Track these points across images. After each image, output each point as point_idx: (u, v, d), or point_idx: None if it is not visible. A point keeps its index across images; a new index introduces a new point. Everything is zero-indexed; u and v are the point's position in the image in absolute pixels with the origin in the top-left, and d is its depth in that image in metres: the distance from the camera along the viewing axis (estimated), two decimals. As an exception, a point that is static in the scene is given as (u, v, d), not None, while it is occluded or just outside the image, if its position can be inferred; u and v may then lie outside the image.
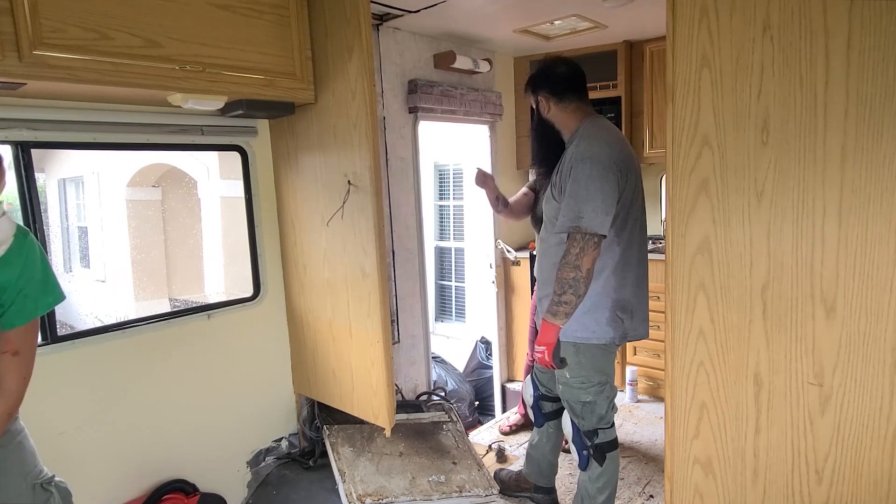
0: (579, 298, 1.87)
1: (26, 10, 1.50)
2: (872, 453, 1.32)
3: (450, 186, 6.05)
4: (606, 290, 1.98)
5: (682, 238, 1.52)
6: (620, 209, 1.92)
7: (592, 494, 2.14)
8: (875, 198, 1.25)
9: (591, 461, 2.09)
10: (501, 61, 3.78)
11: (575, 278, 1.84)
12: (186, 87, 1.86)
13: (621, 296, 2.00)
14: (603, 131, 1.98)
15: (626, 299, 2.01)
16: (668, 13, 1.46)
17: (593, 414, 2.07)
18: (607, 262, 1.96)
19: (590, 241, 1.83)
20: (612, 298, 1.99)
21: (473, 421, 3.79)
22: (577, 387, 2.05)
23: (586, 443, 2.08)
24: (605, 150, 1.88)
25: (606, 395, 2.07)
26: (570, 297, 1.86)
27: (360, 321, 2.28)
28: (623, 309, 2.00)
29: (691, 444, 1.58)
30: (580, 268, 1.83)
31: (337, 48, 2.13)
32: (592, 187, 1.83)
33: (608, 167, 1.85)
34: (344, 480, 2.37)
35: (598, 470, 2.10)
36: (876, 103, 1.23)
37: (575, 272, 1.84)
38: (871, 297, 1.28)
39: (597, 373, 2.04)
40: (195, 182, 6.29)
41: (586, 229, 1.82)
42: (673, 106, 1.49)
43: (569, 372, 2.05)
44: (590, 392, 2.05)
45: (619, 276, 1.99)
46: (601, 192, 1.83)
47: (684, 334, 1.55)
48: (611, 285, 1.98)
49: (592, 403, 2.06)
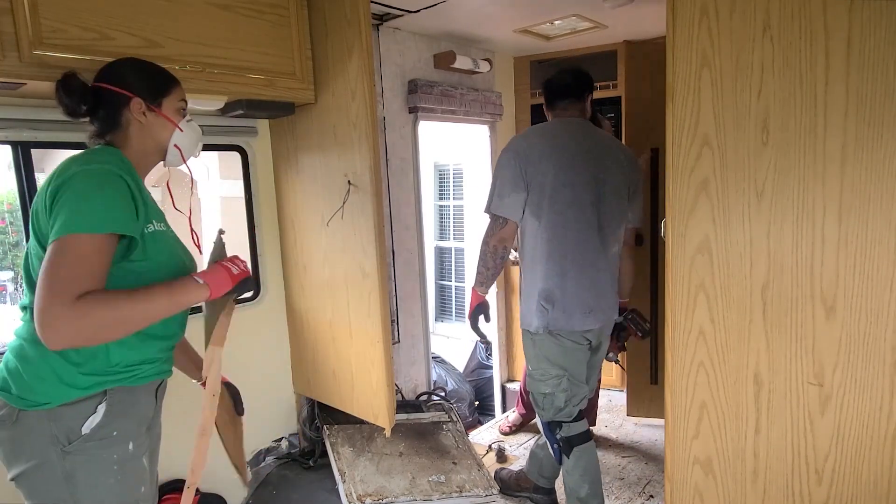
0: (488, 270, 2.15)
1: (26, 10, 1.50)
2: (872, 453, 1.32)
3: (450, 186, 6.05)
4: (535, 279, 2.10)
5: (682, 238, 1.52)
6: (538, 198, 2.03)
7: (573, 487, 2.20)
8: (875, 197, 1.25)
9: (563, 455, 2.18)
10: (501, 61, 3.78)
11: (483, 252, 2.13)
12: (186, 87, 1.85)
13: (546, 285, 2.07)
14: (542, 127, 2.19)
15: (549, 289, 2.07)
16: (668, 13, 1.46)
17: (552, 406, 2.15)
18: (536, 251, 2.08)
19: (496, 223, 2.09)
20: (538, 288, 2.09)
21: (473, 421, 3.79)
22: (538, 378, 2.16)
23: (553, 437, 2.18)
24: (518, 141, 2.11)
25: (563, 388, 2.13)
26: (480, 268, 2.16)
27: (360, 321, 2.28)
28: (547, 299, 2.07)
29: (691, 444, 1.58)
30: (487, 243, 2.11)
31: (337, 48, 2.13)
32: (498, 174, 2.09)
33: (510, 157, 2.06)
34: (344, 480, 2.37)
35: (569, 463, 2.17)
36: (876, 103, 1.23)
37: (484, 247, 2.12)
38: (871, 297, 1.28)
39: (552, 365, 2.12)
40: (195, 182, 6.29)
41: (492, 210, 2.09)
42: (673, 106, 1.49)
43: (530, 364, 2.19)
44: (548, 384, 2.14)
45: (546, 265, 2.07)
46: (499, 178, 2.08)
47: (684, 334, 1.55)
48: (538, 275, 2.09)
49: (551, 395, 2.14)
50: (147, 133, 1.39)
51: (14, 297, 7.59)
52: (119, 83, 1.36)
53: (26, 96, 1.81)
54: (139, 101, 1.36)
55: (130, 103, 1.35)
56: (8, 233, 7.90)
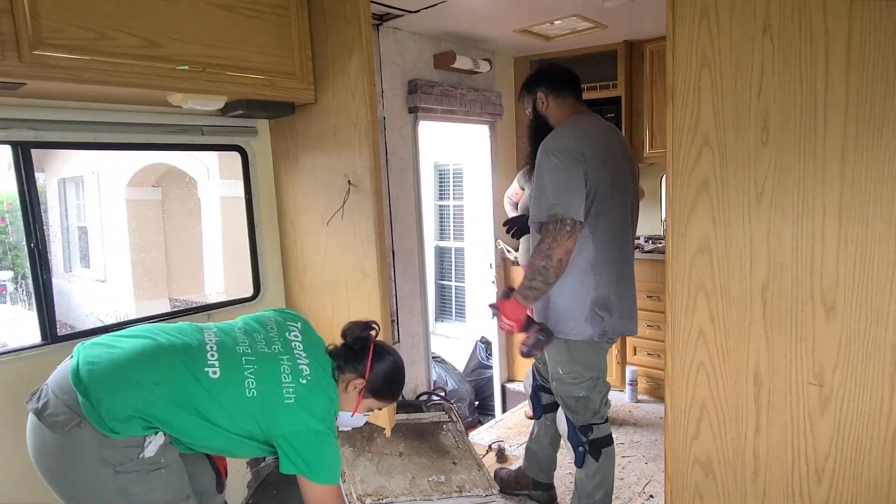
0: (548, 286, 1.91)
1: (26, 10, 1.50)
2: (872, 453, 1.32)
3: (450, 186, 6.05)
4: (585, 287, 1.99)
5: (682, 238, 1.52)
6: (590, 203, 1.91)
7: (589, 491, 2.15)
8: (875, 197, 1.25)
9: (587, 458, 2.11)
10: (501, 61, 3.78)
11: (545, 267, 1.87)
12: (186, 87, 1.86)
13: (600, 293, 1.99)
14: (573, 126, 1.99)
15: (604, 297, 1.99)
16: (668, 13, 1.46)
17: (587, 409, 2.08)
18: (583, 259, 1.96)
19: (562, 231, 1.84)
20: (590, 297, 1.99)
21: (473, 421, 3.79)
22: (570, 382, 2.07)
23: (581, 439, 2.10)
24: (566, 142, 1.91)
25: (599, 389, 2.09)
26: (538, 284, 1.90)
27: (360, 321, 2.28)
28: (602, 307, 2.00)
29: (691, 444, 1.58)
30: (551, 258, 1.85)
31: (337, 48, 2.13)
32: (559, 177, 1.86)
33: (572, 156, 1.87)
34: (344, 480, 2.37)
35: (593, 466, 2.11)
36: (876, 103, 1.22)
37: (546, 261, 1.86)
38: (872, 297, 1.28)
39: (587, 368, 2.06)
40: (195, 182, 6.29)
41: (562, 215, 1.83)
42: (673, 106, 1.49)
43: (561, 368, 2.07)
44: (582, 388, 2.06)
45: (596, 273, 1.98)
46: (567, 180, 1.86)
47: (684, 334, 1.55)
48: (589, 283, 1.98)
49: (586, 399, 2.07)
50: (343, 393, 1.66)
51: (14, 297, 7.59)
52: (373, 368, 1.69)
53: (26, 96, 1.82)
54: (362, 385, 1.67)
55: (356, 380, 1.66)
56: (8, 233, 7.91)
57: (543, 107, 2.09)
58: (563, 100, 2.06)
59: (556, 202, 1.85)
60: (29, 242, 1.93)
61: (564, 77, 2.08)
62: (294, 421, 1.47)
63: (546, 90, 2.08)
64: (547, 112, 2.09)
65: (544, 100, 2.08)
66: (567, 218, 1.83)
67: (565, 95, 2.06)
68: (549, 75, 2.09)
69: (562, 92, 2.06)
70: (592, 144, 1.92)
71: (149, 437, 1.41)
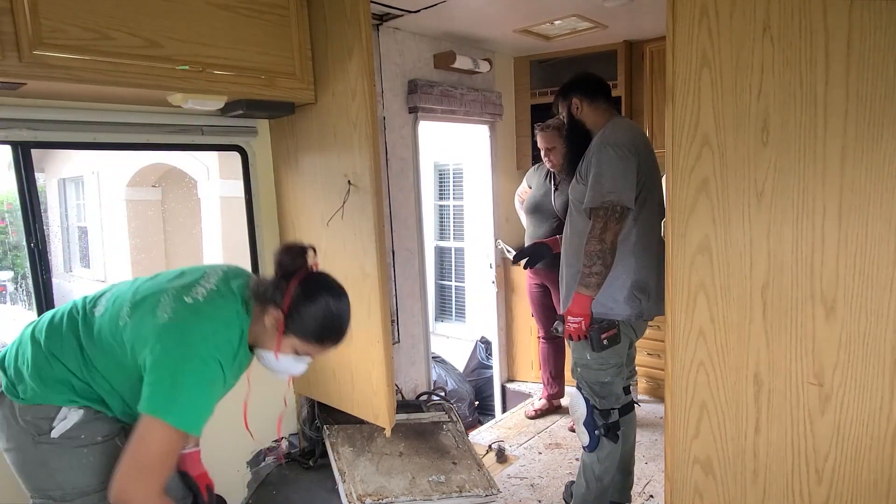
0: (608, 269, 2.02)
1: (26, 10, 1.50)
2: (872, 453, 1.32)
3: (450, 186, 6.05)
4: (627, 270, 2.09)
5: (682, 238, 1.52)
6: (639, 191, 2.06)
7: (599, 475, 2.20)
8: (875, 198, 1.25)
9: (603, 441, 2.16)
10: (501, 61, 3.78)
11: (602, 250, 2.00)
12: (186, 87, 1.86)
13: (640, 276, 2.10)
14: (625, 125, 2.19)
15: (644, 280, 2.11)
16: (668, 13, 1.46)
17: (612, 393, 2.17)
18: (625, 243, 2.08)
19: (612, 216, 1.99)
20: (631, 279, 2.10)
21: (473, 421, 3.79)
22: (597, 368, 2.15)
23: (598, 423, 2.16)
24: (624, 136, 2.08)
25: (622, 375, 2.19)
26: (599, 268, 2.01)
27: (360, 321, 2.28)
28: (641, 290, 2.11)
29: (691, 444, 1.58)
30: (605, 240, 1.99)
31: (337, 48, 2.13)
32: (616, 167, 2.01)
33: (628, 150, 2.03)
34: (344, 480, 2.37)
35: (607, 449, 2.17)
36: (876, 103, 1.23)
37: (601, 244, 2.00)
38: (871, 297, 1.28)
39: (615, 354, 2.13)
40: (195, 182, 6.29)
41: (616, 202, 1.99)
42: (673, 106, 1.49)
43: (589, 353, 2.13)
44: (608, 373, 2.14)
45: (638, 257, 2.10)
46: (623, 171, 2.01)
47: (684, 334, 1.55)
48: (631, 266, 2.10)
49: (610, 384, 2.16)
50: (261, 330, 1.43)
51: (14, 297, 7.59)
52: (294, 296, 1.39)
53: (26, 96, 1.82)
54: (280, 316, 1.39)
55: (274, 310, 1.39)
56: (8, 233, 7.90)
57: (578, 112, 2.23)
58: (597, 105, 2.21)
59: (612, 190, 2.00)
60: (29, 242, 1.93)
61: (597, 85, 2.23)
62: (161, 340, 1.27)
63: (580, 96, 2.21)
64: (582, 116, 2.23)
65: (579, 105, 2.21)
66: (619, 205, 1.99)
67: (599, 101, 2.21)
68: (583, 83, 2.23)
69: (595, 98, 2.21)
70: (642, 141, 2.14)
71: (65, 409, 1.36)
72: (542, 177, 3.24)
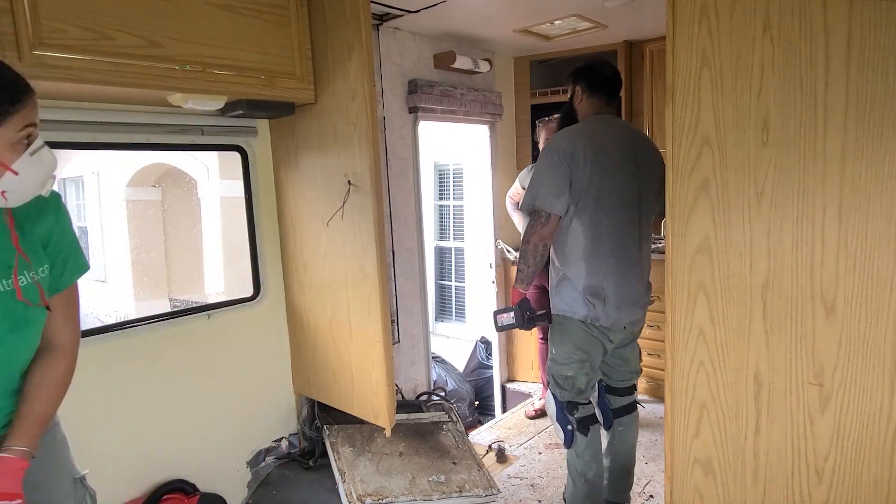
0: (531, 268, 2.16)
1: (26, 10, 1.50)
2: (872, 453, 1.32)
3: (450, 186, 6.05)
4: (577, 275, 2.14)
5: (682, 238, 1.52)
6: (580, 198, 2.08)
7: (581, 470, 2.22)
8: (875, 197, 1.25)
9: (576, 435, 2.21)
10: (501, 61, 3.78)
11: (525, 250, 2.14)
12: (186, 87, 1.86)
13: (591, 282, 2.12)
14: (577, 128, 2.17)
15: (596, 286, 2.12)
16: (668, 13, 1.46)
17: (573, 388, 2.22)
18: (575, 249, 2.13)
19: (538, 220, 2.09)
20: (582, 284, 2.13)
21: (473, 421, 3.79)
22: (562, 362, 2.22)
23: (569, 418, 2.22)
24: (562, 143, 2.10)
25: (585, 371, 2.21)
26: (522, 266, 2.17)
27: (360, 321, 2.28)
28: (594, 295, 2.13)
29: (691, 444, 1.58)
30: (529, 241, 2.12)
31: (337, 48, 2.13)
32: (545, 173, 2.09)
33: (559, 157, 2.06)
34: (344, 480, 2.37)
35: (583, 443, 2.21)
36: (876, 103, 1.22)
37: (525, 245, 2.14)
38: (872, 297, 1.28)
39: (577, 349, 2.19)
40: (195, 182, 6.29)
41: (539, 207, 2.08)
42: (673, 106, 1.49)
43: (555, 348, 2.24)
44: (571, 367, 2.20)
45: (588, 263, 2.12)
46: (549, 177, 2.07)
47: (684, 334, 1.55)
48: (581, 271, 2.13)
49: (573, 378, 2.20)
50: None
51: (14, 297, 7.55)
52: None
53: (26, 96, 1.81)
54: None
55: None
56: (8, 233, 7.87)
57: (577, 100, 2.24)
58: (593, 101, 2.20)
59: (537, 196, 2.09)
60: (29, 242, 1.93)
61: (603, 80, 2.20)
62: None
63: (583, 86, 2.21)
64: (578, 106, 2.24)
65: (579, 94, 2.23)
66: (542, 210, 2.07)
67: (597, 97, 2.19)
68: (590, 73, 2.21)
69: (595, 92, 2.19)
70: (588, 146, 2.07)
71: None
72: None
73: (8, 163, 1.07)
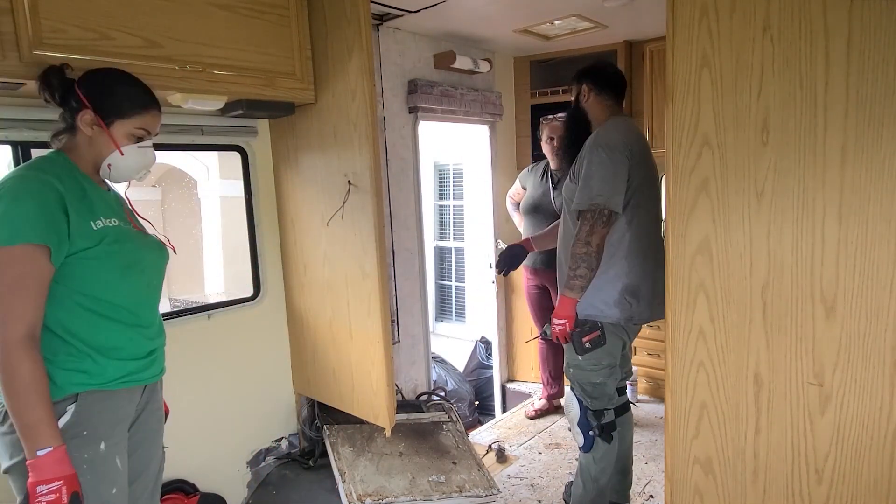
0: (592, 272, 2.01)
1: (26, 10, 1.50)
2: (872, 453, 1.32)
3: (450, 186, 6.05)
4: (618, 274, 2.08)
5: (682, 238, 1.52)
6: (631, 195, 2.04)
7: (595, 476, 2.20)
8: (875, 198, 1.25)
9: (597, 441, 2.17)
10: (501, 61, 3.78)
11: (587, 253, 1.99)
12: (186, 87, 1.86)
13: (631, 280, 2.08)
14: (622, 125, 2.13)
15: (635, 284, 2.09)
16: (668, 13, 1.46)
17: (604, 395, 2.17)
18: (618, 247, 2.07)
19: (599, 219, 1.98)
20: (622, 283, 2.08)
21: (473, 421, 3.79)
22: (589, 369, 2.15)
23: (592, 423, 2.17)
24: (617, 138, 2.04)
25: (615, 377, 2.19)
26: (583, 271, 2.00)
27: (360, 321, 2.28)
28: (632, 293, 2.09)
29: (691, 444, 1.58)
30: (591, 243, 1.98)
31: (337, 48, 2.13)
32: (606, 170, 1.99)
33: (620, 152, 2.00)
34: (344, 480, 2.37)
35: (602, 450, 2.17)
36: (876, 103, 1.23)
37: (587, 248, 1.98)
38: (871, 297, 1.28)
39: (607, 354, 2.13)
40: (195, 182, 6.29)
41: (603, 206, 1.97)
42: (673, 106, 1.49)
43: (581, 355, 2.13)
44: (600, 374, 2.14)
45: (630, 261, 2.08)
46: (613, 174, 1.99)
47: (684, 334, 1.55)
48: (622, 270, 2.08)
49: (603, 385, 2.15)
50: (91, 145, 1.40)
51: (14, 297, 7.55)
52: (85, 90, 1.38)
53: (26, 96, 1.81)
54: (90, 114, 1.37)
55: (82, 113, 1.37)
56: (8, 233, 7.87)
57: (584, 99, 2.20)
58: (604, 99, 2.17)
59: (600, 193, 1.98)
60: (29, 242, 1.93)
61: (612, 79, 2.19)
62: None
63: (590, 85, 2.17)
64: (586, 105, 2.20)
65: (586, 94, 2.19)
66: (606, 209, 1.97)
67: (606, 95, 2.17)
68: (598, 72, 2.19)
69: (603, 91, 2.17)
70: (637, 143, 2.09)
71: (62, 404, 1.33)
72: (539, 177, 3.24)
73: (120, 143, 1.40)
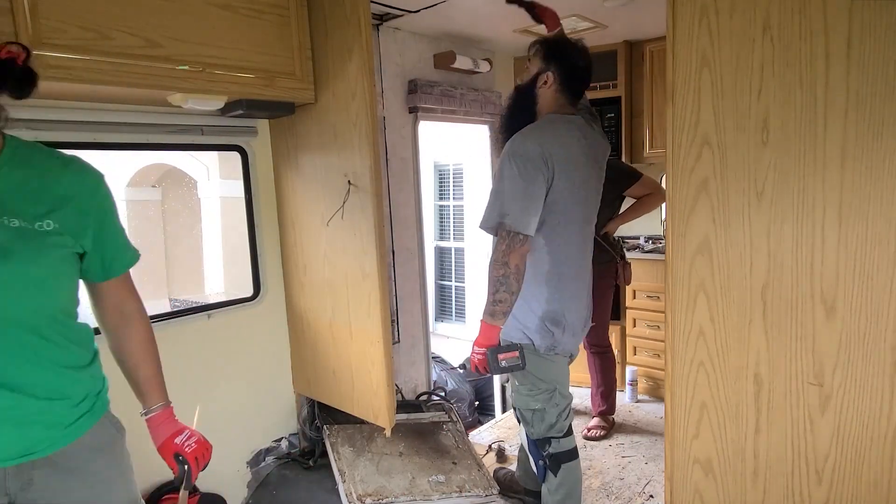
0: (514, 295, 1.82)
1: (26, 10, 1.50)
2: (872, 453, 1.32)
3: (450, 186, 6.05)
4: (538, 299, 1.91)
5: (682, 238, 1.52)
6: (548, 214, 1.83)
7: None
8: (875, 197, 1.25)
9: (548, 473, 2.05)
10: (501, 61, 3.78)
11: (505, 275, 1.80)
12: (186, 87, 1.86)
13: (552, 307, 1.92)
14: (546, 128, 1.89)
15: (557, 312, 1.92)
16: (668, 13, 1.46)
17: (543, 422, 2.02)
18: (537, 271, 1.90)
19: (516, 238, 1.79)
20: (542, 309, 1.92)
21: (473, 421, 3.79)
22: (526, 394, 2.02)
23: (541, 453, 2.04)
24: (533, 147, 1.80)
25: (555, 402, 2.01)
26: (503, 296, 1.82)
27: (360, 321, 2.28)
28: (553, 321, 1.92)
29: (691, 444, 1.58)
30: (508, 264, 1.80)
31: (337, 48, 2.13)
32: (515, 186, 1.79)
33: (534, 164, 1.78)
34: (344, 480, 2.37)
35: (554, 482, 2.04)
36: (876, 103, 1.23)
37: (504, 269, 1.80)
38: (871, 297, 1.28)
39: (541, 380, 1.99)
40: (195, 182, 6.29)
41: (512, 227, 1.78)
42: (673, 106, 1.49)
43: (517, 379, 2.03)
44: (538, 399, 2.00)
45: (551, 287, 1.91)
46: (523, 191, 1.78)
47: (684, 334, 1.55)
48: (542, 296, 1.91)
49: (542, 411, 2.01)
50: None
51: (14, 297, 7.57)
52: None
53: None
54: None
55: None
56: (8, 232, 7.89)
57: (543, 85, 1.94)
58: (561, 93, 1.93)
59: (508, 212, 1.79)
60: (29, 242, 1.93)
61: (582, 77, 1.95)
62: None
63: (557, 74, 1.91)
64: (540, 92, 1.94)
65: (549, 81, 1.92)
66: (513, 230, 1.79)
67: (565, 90, 1.93)
68: (572, 65, 1.92)
69: (566, 86, 1.93)
70: (562, 148, 1.84)
71: None
72: None
73: None
